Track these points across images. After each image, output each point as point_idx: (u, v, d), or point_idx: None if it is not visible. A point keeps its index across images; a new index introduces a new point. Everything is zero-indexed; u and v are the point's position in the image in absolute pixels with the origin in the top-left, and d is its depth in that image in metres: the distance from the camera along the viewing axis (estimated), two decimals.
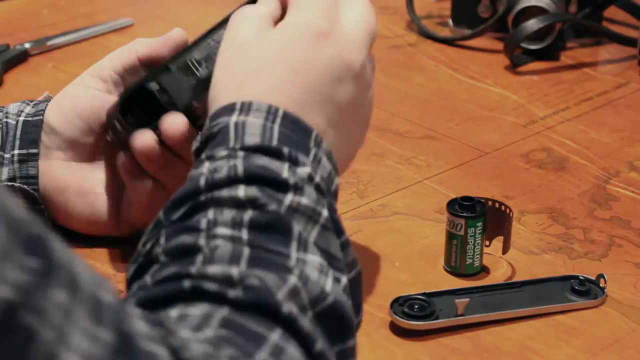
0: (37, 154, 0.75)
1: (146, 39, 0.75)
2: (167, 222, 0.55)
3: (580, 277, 0.72)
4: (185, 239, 0.53)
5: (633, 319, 0.70)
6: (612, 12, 1.20)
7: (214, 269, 0.51)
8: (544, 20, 1.08)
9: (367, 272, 0.75)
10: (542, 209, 0.83)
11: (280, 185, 0.55)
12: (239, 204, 0.54)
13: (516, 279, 0.74)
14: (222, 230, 0.53)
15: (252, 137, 0.57)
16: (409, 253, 0.77)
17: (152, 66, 0.74)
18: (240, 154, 0.56)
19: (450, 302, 0.70)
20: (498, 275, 0.75)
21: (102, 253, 0.77)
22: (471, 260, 0.74)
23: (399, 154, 0.91)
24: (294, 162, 0.56)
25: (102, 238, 0.78)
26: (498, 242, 0.75)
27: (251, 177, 0.55)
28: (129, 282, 0.55)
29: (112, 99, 0.74)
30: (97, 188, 0.76)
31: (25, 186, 0.75)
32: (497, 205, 0.74)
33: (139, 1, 1.27)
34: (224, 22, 0.73)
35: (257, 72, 0.61)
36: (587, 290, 0.72)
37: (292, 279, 0.51)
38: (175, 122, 0.70)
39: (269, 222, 0.53)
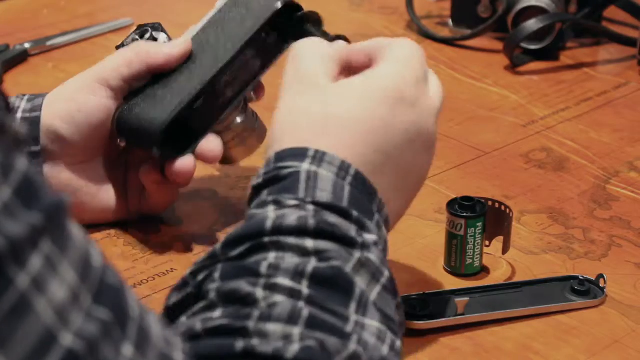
0: (38, 152, 0.75)
1: (153, 48, 0.76)
2: (224, 257, 0.53)
3: (580, 277, 0.72)
4: (243, 285, 0.51)
5: (633, 319, 0.70)
6: (612, 12, 1.20)
7: (271, 328, 0.49)
8: (544, 20, 1.08)
9: None
10: (542, 209, 0.83)
11: (349, 243, 0.54)
12: (305, 253, 0.52)
13: (516, 279, 0.74)
14: (282, 281, 0.51)
15: (324, 193, 0.56)
16: (409, 253, 0.77)
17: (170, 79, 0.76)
18: (311, 207, 0.55)
19: (450, 302, 0.70)
20: (498, 275, 0.75)
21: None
22: (471, 260, 0.74)
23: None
24: (361, 227, 0.55)
25: (101, 239, 0.78)
26: (498, 242, 0.75)
27: (321, 232, 0.53)
28: (172, 309, 0.54)
29: (114, 105, 0.76)
30: (104, 184, 0.78)
31: None
32: (497, 205, 0.74)
33: (139, 1, 1.27)
34: (247, 44, 0.76)
35: (333, 123, 0.59)
36: (587, 290, 0.72)
37: (352, 345, 0.50)
38: (213, 149, 0.75)
39: (332, 276, 0.52)
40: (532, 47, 1.11)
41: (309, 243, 0.53)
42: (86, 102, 0.75)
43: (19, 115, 0.76)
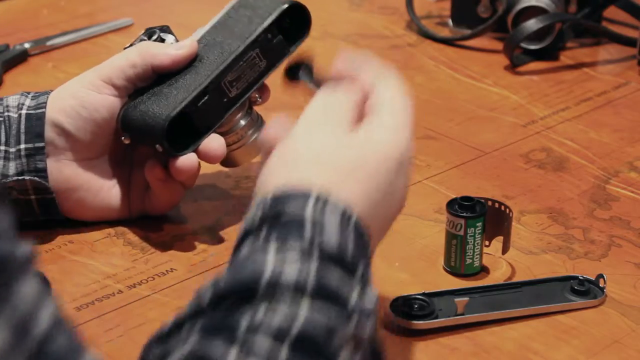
0: (43, 148, 0.75)
1: (158, 49, 0.77)
2: (210, 309, 0.51)
3: (580, 277, 0.72)
4: (216, 347, 0.49)
5: (632, 319, 0.70)
6: (612, 12, 1.20)
7: None
8: (544, 20, 1.08)
9: None
10: (542, 209, 0.83)
11: (346, 312, 0.52)
12: (294, 314, 0.50)
13: (516, 279, 0.74)
14: (260, 342, 0.49)
15: (330, 240, 0.53)
16: (409, 253, 0.77)
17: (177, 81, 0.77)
18: (316, 256, 0.53)
19: (450, 302, 0.70)
20: (498, 275, 0.75)
21: (101, 253, 0.77)
22: (471, 260, 0.74)
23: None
24: (364, 285, 0.54)
25: (100, 239, 0.78)
26: (498, 242, 0.75)
27: (319, 293, 0.51)
28: (149, 345, 0.52)
29: (120, 102, 0.76)
30: (107, 182, 0.78)
31: (36, 178, 0.76)
32: (496, 205, 0.74)
33: (139, 1, 1.27)
34: (253, 44, 0.77)
35: (334, 168, 0.58)
36: (587, 290, 0.72)
37: None
38: (216, 149, 0.76)
39: (317, 344, 0.50)
40: (532, 47, 1.11)
41: (304, 305, 0.50)
42: (90, 98, 0.76)
43: (24, 111, 0.76)
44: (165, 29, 0.81)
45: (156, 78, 0.77)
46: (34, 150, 0.76)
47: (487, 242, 0.74)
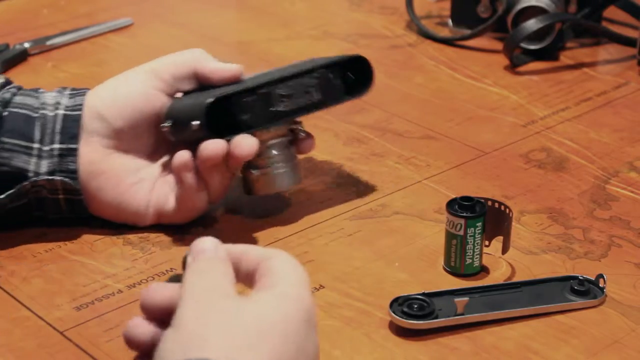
0: (76, 149, 0.76)
1: (207, 57, 0.79)
2: None
3: (580, 277, 0.72)
4: None
5: (632, 319, 0.70)
6: (611, 12, 1.20)
7: None
8: (544, 20, 1.08)
9: (366, 272, 0.75)
10: (542, 209, 0.83)
11: None
12: None
13: (516, 279, 0.74)
14: None
15: None
16: (409, 253, 0.77)
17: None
18: None
19: (449, 302, 0.70)
20: (498, 275, 0.75)
21: (101, 253, 0.77)
22: (471, 260, 0.74)
23: (399, 154, 0.91)
24: None
25: (100, 239, 0.78)
26: (498, 242, 0.75)
27: None
28: None
29: (164, 98, 0.78)
30: (130, 178, 0.78)
31: (67, 179, 0.76)
32: (496, 205, 0.74)
33: (139, 1, 1.27)
34: (314, 71, 0.79)
35: (234, 337, 0.52)
36: (587, 290, 0.72)
37: None
38: (248, 144, 0.75)
39: None
40: (532, 47, 1.11)
41: None
42: (131, 86, 0.77)
43: (60, 112, 0.76)
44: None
45: (203, 87, 0.79)
46: (67, 151, 0.76)
47: (487, 242, 0.75)
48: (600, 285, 0.72)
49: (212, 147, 0.75)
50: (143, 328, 0.57)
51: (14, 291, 0.72)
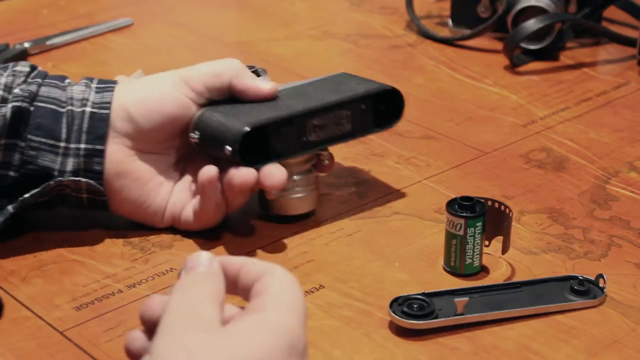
0: (103, 151, 0.76)
1: (244, 72, 0.78)
2: None
3: (580, 277, 0.72)
4: None
5: (632, 319, 0.70)
6: (611, 12, 1.20)
7: None
8: (544, 20, 1.08)
9: (366, 272, 0.75)
10: (542, 209, 0.83)
11: None
12: None
13: (516, 279, 0.74)
14: None
15: None
16: (409, 253, 0.77)
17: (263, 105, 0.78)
18: None
19: (449, 302, 0.70)
20: (498, 275, 0.75)
21: (101, 253, 0.77)
22: (471, 260, 0.74)
23: (399, 154, 0.91)
24: None
25: (100, 239, 0.78)
26: (498, 242, 0.75)
27: None
28: None
29: (194, 107, 0.77)
30: (154, 180, 0.78)
31: (92, 181, 0.76)
32: (496, 205, 0.74)
33: (139, 1, 1.27)
34: (348, 103, 0.79)
35: None
36: (587, 290, 0.72)
37: None
38: (278, 175, 0.75)
39: None
40: (532, 47, 1.11)
41: None
42: (163, 91, 0.77)
43: (88, 109, 0.76)
44: (264, 70, 0.83)
45: (235, 99, 0.78)
46: (93, 152, 0.76)
47: (486, 242, 0.75)
48: (600, 285, 0.72)
49: (243, 177, 0.75)
50: (140, 341, 0.57)
51: (14, 291, 0.72)
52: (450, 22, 1.18)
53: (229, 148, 0.74)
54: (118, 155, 0.76)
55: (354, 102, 0.80)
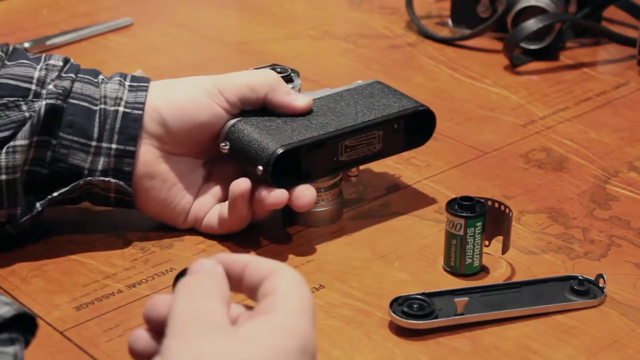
0: (134, 152, 0.76)
1: (280, 86, 0.78)
2: None
3: (580, 277, 0.72)
4: None
5: (632, 319, 0.70)
6: (611, 12, 1.20)
7: None
8: (544, 20, 1.08)
9: (366, 272, 0.75)
10: (542, 209, 0.83)
11: None
12: None
13: (516, 279, 0.74)
14: None
15: None
16: (409, 253, 0.77)
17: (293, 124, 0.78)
18: None
19: (449, 302, 0.70)
20: (498, 275, 0.75)
21: (101, 253, 0.77)
22: (471, 260, 0.74)
23: (399, 154, 0.91)
24: None
25: (100, 239, 0.78)
26: (498, 242, 0.75)
27: None
28: None
29: (226, 117, 0.77)
30: (181, 182, 0.78)
31: (122, 182, 0.76)
32: (496, 205, 0.74)
33: (139, 1, 1.27)
34: (382, 123, 0.79)
35: None
36: (587, 290, 0.72)
37: None
38: (309, 197, 0.75)
39: None
40: (532, 47, 1.11)
41: None
42: (199, 100, 0.76)
43: (121, 108, 0.75)
44: (296, 72, 0.83)
45: (267, 111, 0.78)
46: (124, 153, 0.75)
47: (486, 242, 0.74)
48: (600, 285, 0.72)
49: (275, 198, 0.75)
50: (144, 341, 0.57)
51: (14, 291, 0.72)
52: (450, 22, 1.18)
53: (260, 168, 0.74)
54: (148, 156, 0.76)
55: (387, 122, 0.79)
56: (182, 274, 0.56)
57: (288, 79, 0.81)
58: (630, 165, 0.90)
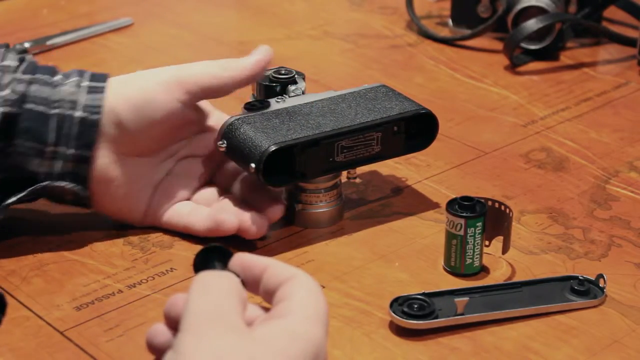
0: (91, 157, 0.75)
1: (237, 62, 0.78)
2: None
3: (580, 277, 0.72)
4: None
5: (632, 319, 0.70)
6: (611, 12, 1.20)
7: None
8: (544, 20, 1.08)
9: (366, 272, 0.75)
10: (542, 209, 0.83)
11: None
12: None
13: (516, 279, 0.74)
14: None
15: None
16: (409, 253, 0.77)
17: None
18: None
19: (449, 302, 0.70)
20: (498, 275, 0.75)
21: (101, 253, 0.77)
22: (471, 260, 0.74)
23: None
24: None
25: (100, 239, 0.78)
26: (498, 242, 0.75)
27: None
28: None
29: (187, 110, 0.76)
30: (138, 182, 0.77)
31: (77, 187, 0.75)
32: (496, 205, 0.74)
33: (139, 1, 1.27)
34: (380, 125, 0.78)
35: None
36: (587, 290, 0.72)
37: None
38: (256, 226, 0.76)
39: None
40: (532, 47, 1.11)
41: None
42: (157, 97, 0.75)
43: (78, 114, 0.74)
44: (301, 75, 0.82)
45: (266, 110, 0.78)
46: (81, 159, 0.75)
47: (487, 242, 0.74)
48: (600, 285, 0.72)
49: (276, 211, 0.76)
50: (165, 336, 0.57)
51: (14, 291, 0.72)
52: (450, 22, 1.18)
53: (253, 166, 0.74)
54: (105, 160, 0.76)
55: (386, 124, 0.79)
56: (203, 253, 0.58)
57: (292, 81, 0.81)
58: (631, 165, 0.90)
